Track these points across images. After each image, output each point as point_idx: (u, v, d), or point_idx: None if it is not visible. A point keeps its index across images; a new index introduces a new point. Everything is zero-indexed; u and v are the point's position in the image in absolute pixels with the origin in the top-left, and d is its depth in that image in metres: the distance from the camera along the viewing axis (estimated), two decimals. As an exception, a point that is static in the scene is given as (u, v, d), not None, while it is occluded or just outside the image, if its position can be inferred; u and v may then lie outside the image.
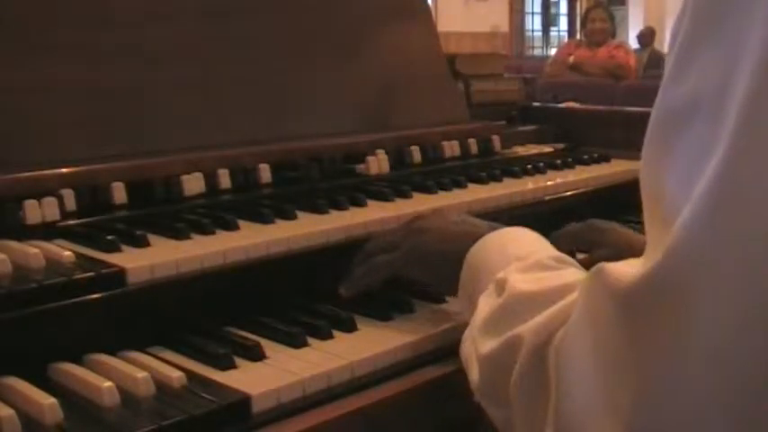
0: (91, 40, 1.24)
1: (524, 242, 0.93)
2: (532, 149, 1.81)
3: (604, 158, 1.72)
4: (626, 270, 0.59)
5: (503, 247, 0.92)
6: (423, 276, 1.05)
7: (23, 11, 1.19)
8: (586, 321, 0.63)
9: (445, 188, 1.38)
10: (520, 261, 0.85)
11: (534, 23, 14.17)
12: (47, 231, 1.03)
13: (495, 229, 0.98)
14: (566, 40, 11.99)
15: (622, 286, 0.58)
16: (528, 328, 0.72)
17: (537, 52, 13.37)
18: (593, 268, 0.63)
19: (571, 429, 0.63)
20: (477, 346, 0.80)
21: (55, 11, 1.22)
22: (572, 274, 0.81)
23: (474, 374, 0.80)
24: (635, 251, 0.75)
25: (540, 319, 0.72)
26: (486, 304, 0.83)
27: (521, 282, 0.79)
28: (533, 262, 0.84)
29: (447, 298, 1.07)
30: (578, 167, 1.64)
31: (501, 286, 0.81)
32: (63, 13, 1.23)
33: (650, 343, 0.56)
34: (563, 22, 14.64)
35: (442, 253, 0.99)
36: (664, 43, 11.82)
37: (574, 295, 0.71)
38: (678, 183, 0.56)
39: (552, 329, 0.69)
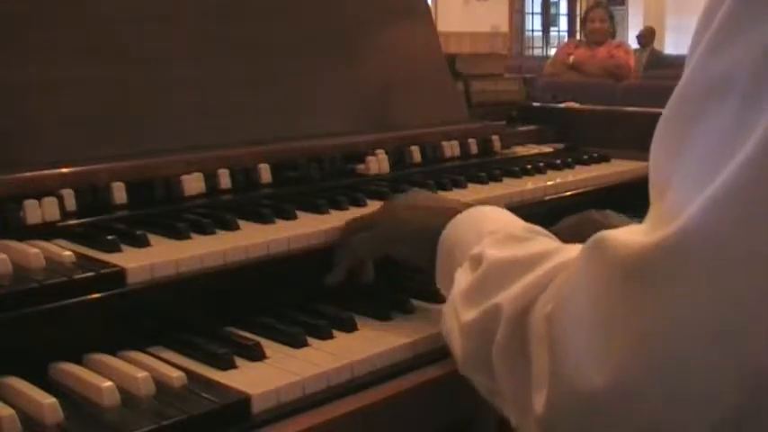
0: (91, 39, 1.24)
1: (496, 218, 0.95)
2: (532, 149, 1.81)
3: (604, 158, 1.72)
4: (633, 237, 0.59)
5: (476, 224, 0.94)
6: (401, 253, 1.06)
7: (23, 11, 1.19)
8: (586, 288, 0.63)
9: (445, 188, 1.38)
10: (492, 235, 0.87)
11: (534, 23, 14.15)
12: (47, 231, 1.03)
13: (468, 206, 1.00)
14: (566, 40, 11.97)
15: (633, 252, 0.58)
16: (506, 296, 0.74)
17: (537, 52, 13.35)
18: (592, 238, 0.63)
19: (568, 393, 0.62)
20: (458, 316, 0.81)
21: (55, 11, 1.22)
22: (545, 242, 0.83)
23: (457, 346, 0.82)
24: None
25: (517, 287, 0.73)
26: (463, 277, 0.84)
27: (496, 252, 0.81)
28: (506, 235, 0.86)
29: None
30: (578, 167, 1.64)
31: (477, 260, 0.83)
32: (63, 13, 1.23)
33: (661, 306, 0.56)
34: (563, 22, 14.63)
35: (419, 230, 1.01)
36: (663, 43, 11.82)
37: (550, 263, 0.72)
38: (706, 154, 0.57)
39: (531, 297, 0.70)
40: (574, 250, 0.71)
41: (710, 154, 0.56)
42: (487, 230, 0.89)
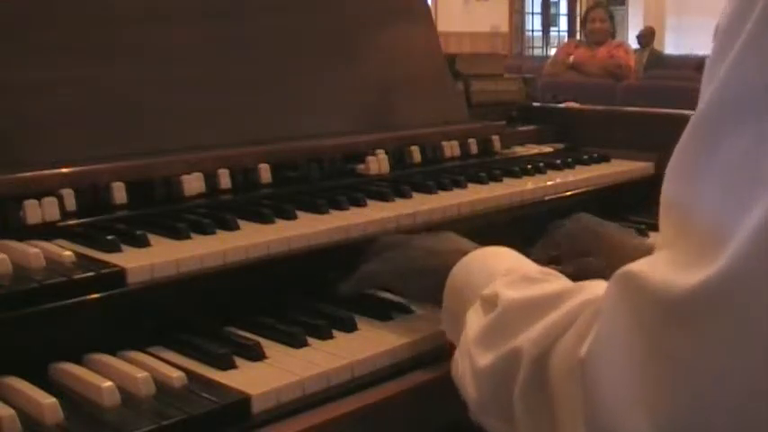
0: (91, 39, 1.24)
1: (506, 258, 0.92)
2: (532, 149, 1.81)
3: (604, 158, 1.72)
4: (668, 277, 0.56)
5: (485, 264, 0.91)
6: (407, 289, 1.05)
7: (23, 11, 1.19)
8: (622, 333, 0.59)
9: (445, 188, 1.38)
10: (505, 276, 0.84)
11: (534, 23, 14.15)
12: (47, 231, 1.03)
13: (477, 248, 0.97)
14: (566, 40, 11.97)
15: (672, 294, 0.55)
16: (527, 338, 0.71)
17: (537, 52, 13.35)
18: (618, 274, 0.60)
19: None
20: (473, 361, 0.78)
21: (55, 11, 1.22)
22: (561, 282, 0.79)
23: (471, 390, 0.79)
24: (627, 257, 0.73)
25: (538, 328, 0.70)
26: (476, 319, 0.81)
27: (512, 293, 0.78)
28: (520, 276, 0.83)
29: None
30: (578, 167, 1.64)
31: (491, 301, 0.80)
32: (63, 13, 1.23)
33: (705, 356, 0.53)
34: (563, 22, 14.63)
35: (424, 267, 0.99)
36: (663, 43, 11.82)
37: (571, 302, 0.69)
38: (730, 176, 0.54)
39: (553, 338, 0.68)
40: (594, 287, 0.69)
41: (736, 177, 0.54)
42: (499, 271, 0.86)
